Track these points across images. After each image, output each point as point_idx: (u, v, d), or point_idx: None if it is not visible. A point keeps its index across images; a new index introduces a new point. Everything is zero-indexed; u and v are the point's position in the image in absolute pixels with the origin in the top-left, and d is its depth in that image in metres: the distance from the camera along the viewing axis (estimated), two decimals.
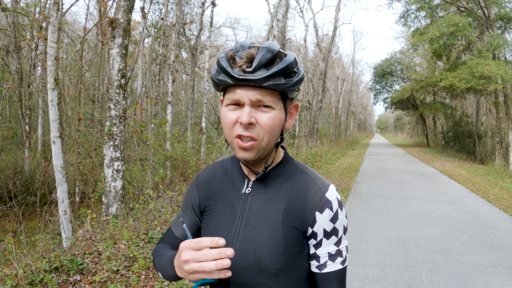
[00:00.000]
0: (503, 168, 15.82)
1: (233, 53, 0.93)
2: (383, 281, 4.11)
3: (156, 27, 18.79)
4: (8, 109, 18.07)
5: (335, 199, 1.00)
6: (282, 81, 0.92)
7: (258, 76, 0.89)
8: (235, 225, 1.02)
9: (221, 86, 0.97)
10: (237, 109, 0.94)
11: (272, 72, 0.90)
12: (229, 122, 0.95)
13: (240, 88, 0.92)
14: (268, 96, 0.93)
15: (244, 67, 0.90)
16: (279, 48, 0.93)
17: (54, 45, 5.77)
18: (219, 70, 0.95)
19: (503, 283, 4.10)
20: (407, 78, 35.76)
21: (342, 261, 1.01)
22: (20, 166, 11.47)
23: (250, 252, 0.99)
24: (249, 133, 0.93)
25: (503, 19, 17.42)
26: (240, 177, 1.08)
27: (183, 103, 24.88)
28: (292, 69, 0.94)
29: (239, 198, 1.05)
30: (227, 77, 0.92)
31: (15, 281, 3.34)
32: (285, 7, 17.42)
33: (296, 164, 1.09)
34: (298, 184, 1.03)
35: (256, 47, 0.93)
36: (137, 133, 9.05)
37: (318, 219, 0.98)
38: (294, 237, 0.99)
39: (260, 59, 0.90)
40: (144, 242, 4.68)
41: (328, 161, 16.32)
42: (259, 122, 0.93)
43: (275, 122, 0.95)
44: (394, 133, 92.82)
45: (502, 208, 8.01)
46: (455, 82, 16.80)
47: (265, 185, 1.04)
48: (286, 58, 0.93)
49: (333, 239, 1.00)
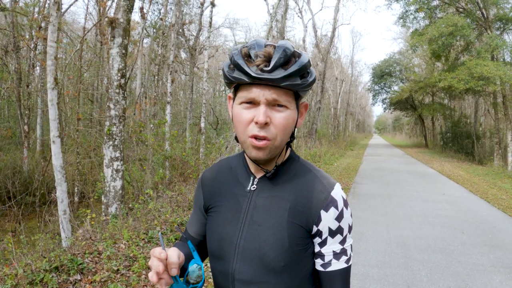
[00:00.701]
0: (502, 168, 15.85)
1: (248, 50, 0.92)
2: (383, 280, 4.12)
3: (155, 28, 18.81)
4: (7, 109, 18.07)
5: (341, 198, 1.00)
6: (298, 82, 0.92)
7: (276, 75, 0.89)
8: (240, 222, 1.02)
9: (235, 83, 0.96)
10: (251, 107, 0.94)
11: (289, 72, 0.90)
12: (244, 121, 0.94)
13: (256, 87, 0.91)
14: (284, 96, 0.93)
15: (262, 66, 0.89)
16: (294, 48, 0.93)
17: (54, 45, 5.77)
18: (233, 67, 0.94)
19: (503, 282, 4.11)
20: (405, 79, 35.83)
21: (346, 259, 1.01)
22: (19, 166, 11.45)
23: (254, 249, 0.99)
24: (264, 133, 0.93)
25: (502, 19, 17.45)
26: (246, 174, 1.08)
27: (182, 103, 24.88)
28: (306, 70, 0.94)
29: (244, 195, 1.05)
30: (243, 75, 0.91)
31: (15, 280, 3.33)
32: (284, 7, 17.45)
33: (302, 162, 1.09)
34: (304, 182, 1.03)
35: (272, 46, 0.92)
36: (136, 133, 9.05)
37: (324, 217, 0.98)
38: (299, 235, 0.99)
39: (278, 59, 0.89)
40: (144, 242, 4.68)
41: (327, 162, 16.33)
42: (273, 121, 0.93)
43: (289, 121, 0.95)
44: (393, 134, 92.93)
45: (501, 208, 8.03)
46: (454, 83, 16.83)
47: (270, 182, 1.04)
48: (301, 59, 0.93)
49: (338, 238, 1.00)
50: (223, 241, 1.04)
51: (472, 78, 15.99)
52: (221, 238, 1.05)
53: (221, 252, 1.04)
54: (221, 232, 1.05)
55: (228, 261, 1.02)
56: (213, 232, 1.07)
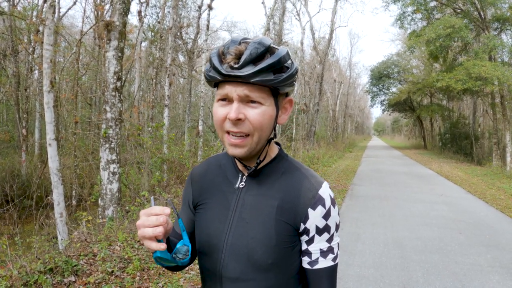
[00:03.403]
0: (500, 169, 15.85)
1: (224, 48, 0.93)
2: (379, 282, 4.11)
3: (153, 31, 18.81)
4: (5, 112, 18.04)
5: (328, 196, 1.00)
6: (271, 77, 0.91)
7: (245, 72, 0.89)
8: (228, 219, 1.03)
9: (212, 82, 0.97)
10: (227, 104, 0.95)
11: (259, 68, 0.89)
12: (219, 117, 0.95)
13: (229, 84, 0.92)
14: (257, 92, 0.92)
15: (232, 63, 0.90)
16: (270, 43, 0.93)
17: (50, 48, 5.77)
18: (210, 66, 0.95)
19: (500, 282, 4.10)
20: (404, 80, 35.87)
21: (333, 258, 1.01)
22: (17, 170, 11.43)
23: (242, 247, 0.99)
24: (238, 129, 0.93)
25: (499, 20, 17.48)
26: (234, 172, 1.08)
27: (180, 106, 24.88)
28: (283, 64, 0.93)
29: (232, 192, 1.05)
30: (216, 73, 0.92)
31: (9, 282, 3.33)
32: (282, 10, 17.49)
33: (291, 161, 1.09)
34: (292, 180, 1.03)
35: (246, 42, 0.93)
36: (134, 136, 9.05)
37: (311, 215, 0.98)
38: (287, 233, 0.99)
39: (248, 55, 0.89)
40: (139, 244, 4.67)
41: (325, 164, 16.33)
42: (248, 117, 0.93)
43: (264, 118, 0.94)
44: (392, 136, 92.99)
45: (499, 208, 8.02)
46: (452, 83, 16.83)
47: (258, 180, 1.04)
48: (276, 53, 0.92)
49: (325, 236, 1.00)
50: (211, 237, 1.04)
51: (470, 78, 16.00)
52: (209, 234, 1.04)
53: (209, 249, 1.04)
54: (209, 229, 1.05)
55: (216, 258, 1.02)
56: (202, 229, 1.07)
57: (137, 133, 9.55)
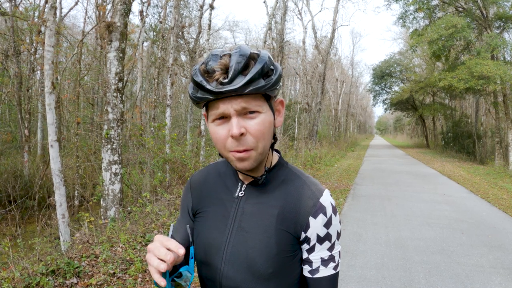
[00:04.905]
0: (503, 168, 15.80)
1: (205, 66, 0.90)
2: (381, 283, 4.10)
3: (154, 31, 18.85)
4: (8, 113, 18.11)
5: (329, 204, 0.99)
6: (262, 83, 0.89)
7: (237, 84, 0.86)
8: (228, 228, 1.02)
9: (202, 103, 0.94)
10: (224, 122, 0.92)
11: (250, 77, 0.87)
12: (221, 138, 0.93)
13: (222, 101, 0.89)
14: (253, 102, 0.90)
15: (221, 79, 0.87)
16: (250, 50, 0.90)
17: (51, 49, 5.78)
18: (196, 87, 0.92)
19: (502, 284, 4.09)
20: (406, 79, 35.81)
21: (334, 266, 1.00)
22: (20, 170, 11.47)
23: (242, 256, 0.98)
24: (242, 146, 0.91)
25: (502, 18, 17.41)
26: (234, 180, 1.07)
27: (182, 106, 24.90)
28: (269, 68, 0.91)
29: (231, 201, 1.04)
30: (206, 93, 0.89)
31: (12, 284, 3.34)
32: (284, 9, 17.47)
33: (291, 168, 1.08)
34: (292, 188, 1.02)
35: (227, 55, 0.90)
36: (136, 136, 9.06)
37: (312, 224, 0.97)
38: (287, 242, 0.98)
39: (235, 67, 0.87)
40: (141, 245, 4.67)
41: (327, 163, 16.32)
42: (249, 130, 0.91)
43: (265, 126, 0.93)
44: (394, 135, 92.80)
45: (501, 208, 8.00)
46: (454, 82, 16.79)
47: (258, 189, 1.03)
48: (260, 59, 0.90)
49: (326, 245, 0.99)
50: (210, 247, 1.03)
51: (472, 77, 15.95)
52: (208, 244, 1.04)
53: (209, 258, 1.03)
54: (208, 238, 1.04)
55: (215, 268, 1.01)
56: (201, 238, 1.06)
57: (139, 133, 9.57)
